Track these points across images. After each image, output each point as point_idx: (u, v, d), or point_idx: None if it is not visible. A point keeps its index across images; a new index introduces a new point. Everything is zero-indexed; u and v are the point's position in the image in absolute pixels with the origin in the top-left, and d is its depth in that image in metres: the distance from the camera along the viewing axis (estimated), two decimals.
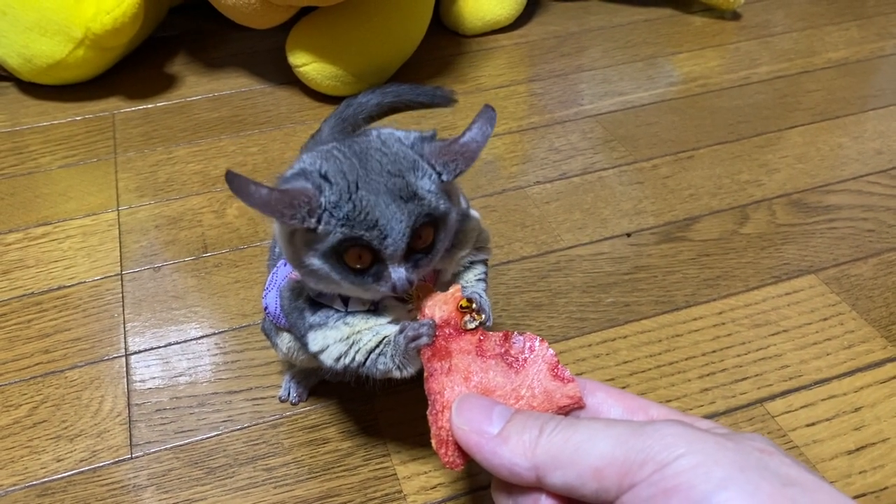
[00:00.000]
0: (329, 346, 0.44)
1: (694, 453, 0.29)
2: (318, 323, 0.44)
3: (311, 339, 0.44)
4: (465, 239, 0.46)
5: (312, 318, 0.44)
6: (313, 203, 0.37)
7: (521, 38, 1.13)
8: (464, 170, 0.40)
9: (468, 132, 0.40)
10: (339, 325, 0.43)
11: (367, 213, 0.38)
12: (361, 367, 0.44)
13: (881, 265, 0.70)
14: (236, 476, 0.53)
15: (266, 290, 0.49)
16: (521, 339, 0.38)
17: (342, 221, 0.38)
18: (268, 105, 0.97)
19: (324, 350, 0.44)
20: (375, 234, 0.38)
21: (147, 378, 0.60)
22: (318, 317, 0.44)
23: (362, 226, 0.38)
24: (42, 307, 0.67)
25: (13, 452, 0.55)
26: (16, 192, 0.81)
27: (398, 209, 0.38)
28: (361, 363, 0.43)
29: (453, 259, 0.46)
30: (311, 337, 0.44)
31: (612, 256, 0.71)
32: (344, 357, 0.43)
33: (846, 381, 0.59)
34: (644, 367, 0.60)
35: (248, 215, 0.77)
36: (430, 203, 0.39)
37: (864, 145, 0.87)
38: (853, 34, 1.11)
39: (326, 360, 0.44)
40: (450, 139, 0.41)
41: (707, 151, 0.86)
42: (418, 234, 0.39)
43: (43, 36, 0.91)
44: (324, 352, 0.44)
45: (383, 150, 0.40)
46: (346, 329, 0.43)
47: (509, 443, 0.33)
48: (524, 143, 0.88)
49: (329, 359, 0.44)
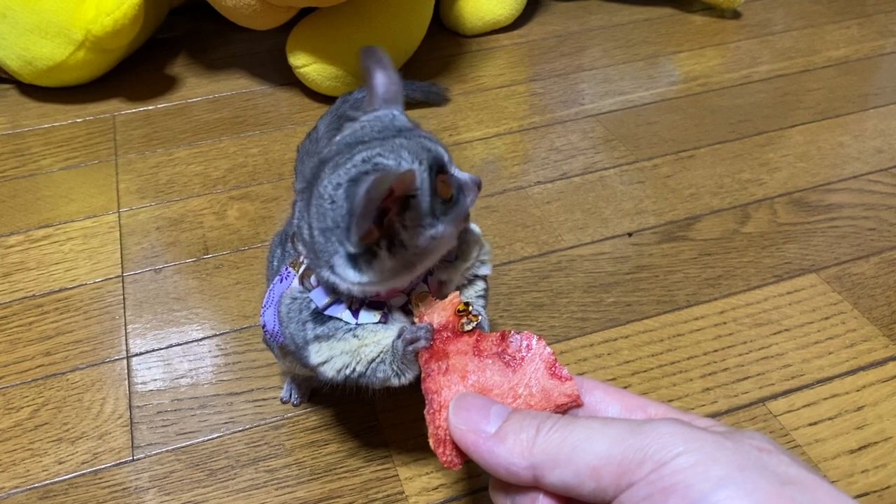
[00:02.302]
0: (333, 358, 0.43)
1: (692, 452, 0.28)
2: (325, 334, 0.43)
3: (314, 350, 0.43)
4: (467, 250, 0.47)
5: (317, 330, 0.43)
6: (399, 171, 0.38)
7: (521, 38, 1.12)
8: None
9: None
10: (348, 338, 0.43)
11: (423, 148, 0.40)
12: (362, 377, 0.43)
13: (882, 264, 0.70)
14: (238, 478, 0.53)
15: (264, 308, 0.49)
16: (518, 338, 0.38)
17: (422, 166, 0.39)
18: (268, 106, 0.97)
19: (327, 361, 0.43)
20: (433, 156, 0.40)
21: (148, 380, 0.60)
22: (325, 328, 0.43)
23: (428, 158, 0.39)
24: (43, 309, 0.67)
25: (14, 455, 0.55)
26: (17, 195, 0.81)
27: (421, 138, 0.41)
28: (362, 373, 0.43)
29: (458, 270, 0.46)
30: (314, 348, 0.43)
31: (614, 256, 0.71)
32: (346, 368, 0.43)
33: (848, 380, 0.59)
34: (646, 366, 0.60)
35: (249, 217, 0.77)
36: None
37: (865, 144, 0.86)
38: (854, 32, 1.11)
39: (327, 372, 0.43)
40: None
41: (708, 150, 0.86)
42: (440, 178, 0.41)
43: (43, 38, 0.91)
44: (327, 363, 0.43)
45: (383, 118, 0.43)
46: (354, 342, 0.43)
47: (506, 442, 0.33)
48: (525, 142, 0.88)
49: (331, 370, 0.43)
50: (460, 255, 0.46)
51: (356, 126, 0.42)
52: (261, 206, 0.79)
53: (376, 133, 0.41)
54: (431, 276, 0.45)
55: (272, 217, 0.77)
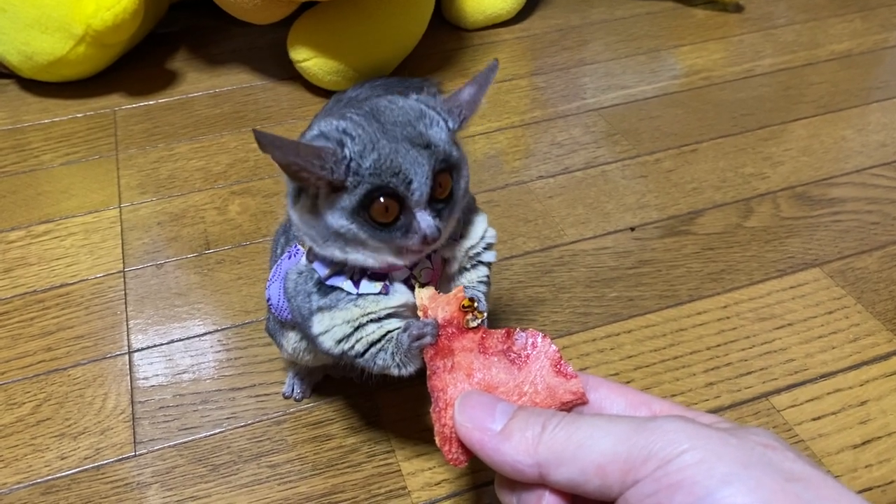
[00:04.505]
0: (334, 328, 0.43)
1: (697, 449, 0.28)
2: (327, 305, 0.43)
3: (317, 320, 0.43)
4: (472, 231, 0.47)
5: (321, 301, 0.43)
6: (338, 155, 0.38)
7: (522, 32, 1.12)
8: (468, 116, 0.42)
9: (470, 83, 0.43)
10: (349, 307, 0.43)
11: (390, 161, 0.38)
12: (359, 357, 0.43)
13: (886, 258, 0.69)
14: (240, 473, 0.53)
15: (269, 282, 0.49)
16: (523, 336, 0.38)
17: (369, 170, 0.38)
18: (269, 101, 0.97)
19: (327, 331, 0.43)
20: (401, 180, 0.39)
21: (150, 375, 0.60)
22: (328, 299, 0.43)
23: (388, 173, 0.38)
24: (44, 305, 0.66)
25: (17, 450, 0.55)
26: (17, 190, 0.81)
27: (418, 154, 0.39)
28: (360, 354, 0.43)
29: (462, 249, 0.46)
30: (317, 318, 0.43)
31: (616, 251, 0.71)
32: (345, 341, 0.43)
33: (852, 375, 0.58)
34: (649, 361, 0.60)
35: (251, 212, 0.77)
36: (444, 150, 0.40)
37: (869, 137, 0.86)
38: (857, 26, 1.11)
39: (326, 342, 0.43)
40: (454, 91, 0.43)
41: (710, 145, 0.86)
42: (438, 181, 0.40)
43: (43, 33, 0.91)
44: (327, 333, 0.43)
45: (391, 105, 0.41)
46: (355, 311, 0.43)
47: (512, 440, 0.33)
48: (527, 137, 0.88)
49: (330, 340, 0.43)
50: (465, 234, 0.46)
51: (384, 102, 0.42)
52: (262, 201, 0.78)
53: (382, 120, 0.40)
54: (435, 254, 0.45)
55: (274, 212, 0.77)
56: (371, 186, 0.38)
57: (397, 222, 0.40)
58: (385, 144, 0.39)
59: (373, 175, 0.38)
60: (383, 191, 0.39)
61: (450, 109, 0.42)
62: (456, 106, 0.42)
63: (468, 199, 0.46)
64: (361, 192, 0.39)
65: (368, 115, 0.41)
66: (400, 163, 0.38)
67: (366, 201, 0.39)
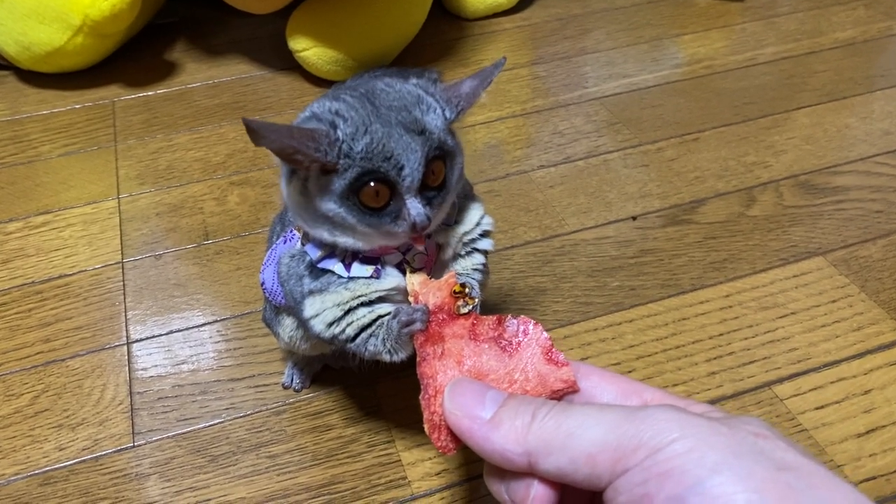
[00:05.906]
0: (325, 311, 0.43)
1: (687, 438, 0.28)
2: (318, 289, 0.43)
3: (308, 303, 0.43)
4: (467, 216, 0.46)
5: (312, 284, 0.43)
6: (331, 136, 0.37)
7: (523, 21, 1.11)
8: (465, 108, 0.41)
9: (472, 77, 0.42)
10: (340, 290, 0.42)
11: (382, 145, 0.38)
12: (350, 342, 0.43)
13: (890, 246, 0.69)
14: (239, 463, 0.52)
15: (264, 266, 0.49)
16: (514, 323, 0.37)
17: (360, 154, 0.38)
18: (268, 91, 0.96)
19: (318, 315, 0.43)
20: (392, 165, 0.38)
21: (149, 366, 0.60)
22: (319, 283, 0.43)
23: (379, 157, 0.38)
24: (43, 296, 0.66)
25: (15, 441, 0.54)
26: (16, 181, 0.81)
27: (412, 140, 0.38)
28: (351, 338, 0.43)
29: (456, 235, 0.45)
30: (309, 302, 0.43)
31: (618, 240, 0.71)
32: (336, 325, 0.43)
33: (855, 364, 0.58)
34: (650, 351, 0.60)
35: (250, 202, 0.76)
36: (439, 137, 0.39)
37: (872, 126, 0.85)
38: (860, 13, 1.10)
39: (317, 326, 0.43)
40: (455, 81, 0.42)
41: (713, 133, 0.85)
42: (431, 168, 0.39)
43: (41, 23, 0.90)
44: (318, 316, 0.43)
45: (388, 89, 0.41)
46: (346, 293, 0.42)
47: (501, 428, 0.32)
48: (528, 126, 0.88)
49: (321, 323, 0.43)
50: (459, 220, 0.46)
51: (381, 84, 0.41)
52: (261, 192, 0.78)
53: (377, 104, 0.40)
54: (430, 239, 0.44)
55: (272, 202, 0.76)
56: (362, 170, 0.38)
57: (387, 208, 0.39)
58: (378, 128, 0.38)
59: (364, 159, 0.38)
60: (374, 175, 0.38)
61: (448, 98, 0.41)
62: (455, 96, 0.41)
63: (463, 185, 0.46)
64: (352, 175, 0.38)
65: (363, 97, 0.40)
66: (392, 147, 0.38)
67: (356, 185, 0.38)
